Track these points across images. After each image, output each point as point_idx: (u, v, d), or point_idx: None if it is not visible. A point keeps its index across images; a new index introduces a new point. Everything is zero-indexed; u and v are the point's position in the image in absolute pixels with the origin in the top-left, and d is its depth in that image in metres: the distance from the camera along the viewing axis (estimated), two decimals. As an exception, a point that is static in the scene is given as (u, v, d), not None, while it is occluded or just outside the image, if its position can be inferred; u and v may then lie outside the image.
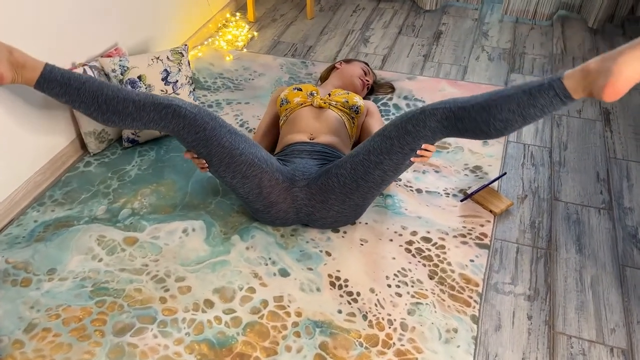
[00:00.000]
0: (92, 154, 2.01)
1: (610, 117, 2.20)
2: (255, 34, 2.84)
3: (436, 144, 2.02)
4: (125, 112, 1.55)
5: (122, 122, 1.57)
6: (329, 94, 1.94)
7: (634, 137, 2.09)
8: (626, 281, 1.56)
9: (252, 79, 2.45)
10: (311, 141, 1.75)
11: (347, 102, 1.90)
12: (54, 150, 1.91)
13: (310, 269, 1.59)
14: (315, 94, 1.92)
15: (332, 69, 2.26)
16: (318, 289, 1.53)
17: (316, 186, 1.59)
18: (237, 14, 3.02)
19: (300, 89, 1.95)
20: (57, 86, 1.54)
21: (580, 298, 1.52)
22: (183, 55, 2.07)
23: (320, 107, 1.87)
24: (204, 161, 1.60)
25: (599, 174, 1.93)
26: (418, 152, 1.49)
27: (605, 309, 1.49)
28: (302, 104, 1.89)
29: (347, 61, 2.24)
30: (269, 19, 2.99)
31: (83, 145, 2.03)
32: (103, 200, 1.82)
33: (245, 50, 2.69)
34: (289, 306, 1.49)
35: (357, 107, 1.91)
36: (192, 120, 1.55)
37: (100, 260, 1.62)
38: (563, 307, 1.50)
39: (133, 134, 2.02)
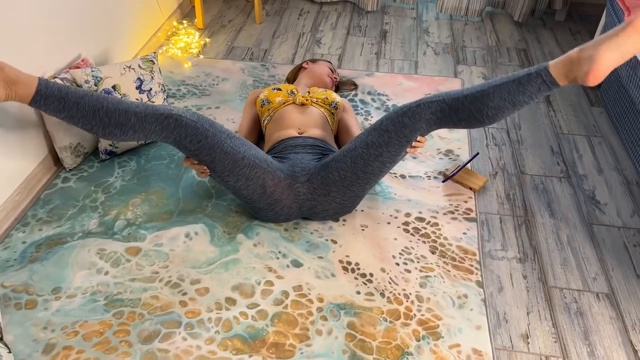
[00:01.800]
0: (68, 170, 1.94)
1: (551, 99, 2.46)
2: (208, 40, 2.85)
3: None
4: (127, 124, 1.52)
5: (123, 135, 1.54)
6: (309, 92, 2.01)
7: (573, 115, 2.36)
8: (595, 236, 1.78)
9: (217, 84, 2.46)
10: (301, 135, 1.82)
11: (326, 98, 1.99)
12: (28, 169, 1.81)
13: (321, 257, 1.65)
14: (296, 92, 1.98)
15: (299, 69, 2.33)
16: (333, 275, 1.60)
17: (317, 180, 1.66)
18: (184, 21, 3.01)
19: (279, 89, 2.01)
20: (55, 101, 1.48)
21: (562, 255, 1.71)
22: (154, 63, 2.05)
23: (302, 104, 1.94)
24: (205, 167, 1.61)
25: (553, 148, 2.16)
26: (413, 143, 1.61)
27: (584, 262, 1.69)
28: (284, 102, 1.95)
29: (313, 61, 2.32)
30: (218, 25, 3.00)
31: (56, 162, 1.95)
32: (93, 214, 1.77)
33: (201, 56, 2.69)
34: (309, 293, 1.54)
35: (335, 104, 2.00)
36: (194, 128, 1.55)
37: (107, 273, 1.58)
38: (550, 264, 1.68)
39: (110, 145, 1.97)
